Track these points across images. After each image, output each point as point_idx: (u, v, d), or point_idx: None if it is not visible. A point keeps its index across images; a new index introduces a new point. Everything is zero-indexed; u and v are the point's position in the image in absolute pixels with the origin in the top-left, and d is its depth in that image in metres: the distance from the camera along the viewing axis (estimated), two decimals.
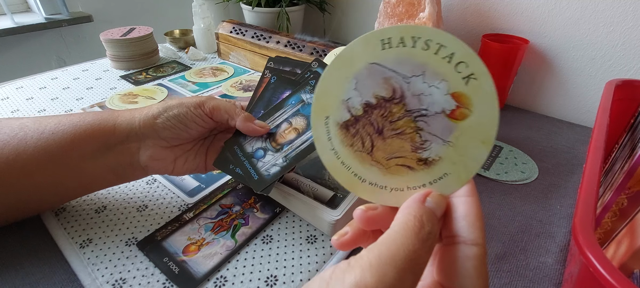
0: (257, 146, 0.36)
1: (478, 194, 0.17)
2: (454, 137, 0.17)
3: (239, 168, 0.35)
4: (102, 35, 0.74)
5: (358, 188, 0.19)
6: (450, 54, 0.16)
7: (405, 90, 0.17)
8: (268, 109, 0.37)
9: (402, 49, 0.16)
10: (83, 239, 0.34)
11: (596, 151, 0.29)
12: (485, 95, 0.16)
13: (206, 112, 0.34)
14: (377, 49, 0.17)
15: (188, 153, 0.36)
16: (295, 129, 0.35)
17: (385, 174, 0.18)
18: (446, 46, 0.16)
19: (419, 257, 0.14)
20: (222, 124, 0.36)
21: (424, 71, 0.16)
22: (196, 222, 0.37)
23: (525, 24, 0.61)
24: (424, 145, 0.17)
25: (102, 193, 0.40)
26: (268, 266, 0.32)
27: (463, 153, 0.17)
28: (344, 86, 0.18)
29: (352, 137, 0.18)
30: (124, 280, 0.31)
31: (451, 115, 0.16)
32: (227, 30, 0.78)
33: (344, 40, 0.94)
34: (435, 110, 0.17)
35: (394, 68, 0.17)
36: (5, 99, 0.62)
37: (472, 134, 0.16)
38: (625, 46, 0.54)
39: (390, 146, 0.18)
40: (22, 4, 1.13)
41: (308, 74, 0.37)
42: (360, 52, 0.17)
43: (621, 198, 0.30)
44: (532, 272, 0.33)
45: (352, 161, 0.18)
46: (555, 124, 0.60)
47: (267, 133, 0.36)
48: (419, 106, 0.17)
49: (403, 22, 0.57)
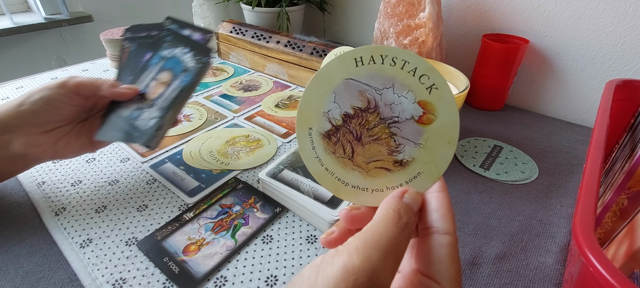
0: (131, 109, 0.38)
1: (448, 190, 0.20)
2: (424, 139, 0.19)
3: (120, 133, 0.37)
4: (103, 35, 0.74)
5: (342, 191, 0.21)
6: (414, 68, 0.18)
7: (378, 101, 0.19)
8: (135, 73, 0.41)
9: (373, 65, 0.19)
10: (83, 239, 0.34)
11: (596, 151, 0.29)
12: (446, 102, 0.18)
13: (71, 89, 0.35)
14: (352, 66, 0.19)
15: (69, 135, 0.37)
16: (162, 83, 0.39)
17: (366, 177, 0.20)
18: (410, 62, 0.18)
19: (399, 243, 0.16)
20: (92, 97, 0.37)
21: (393, 83, 0.19)
22: (196, 221, 0.37)
23: (525, 24, 0.61)
24: (398, 149, 0.19)
25: (102, 193, 0.40)
26: (268, 266, 0.32)
27: (433, 153, 0.19)
28: (324, 100, 0.20)
29: (334, 145, 0.20)
30: (124, 280, 0.31)
31: (419, 120, 0.19)
32: (227, 30, 0.78)
33: (344, 40, 0.94)
34: (406, 116, 0.19)
35: (367, 82, 0.19)
36: (5, 99, 0.62)
37: (439, 135, 0.19)
38: (626, 46, 0.54)
39: (368, 151, 0.20)
40: (22, 4, 1.13)
41: (163, 32, 0.42)
42: (337, 70, 0.19)
43: (621, 198, 0.30)
44: (532, 272, 0.33)
45: (335, 167, 0.20)
46: (555, 123, 0.60)
47: (138, 95, 0.39)
48: (391, 114, 0.19)
49: (403, 22, 0.57)
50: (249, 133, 0.53)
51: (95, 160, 0.46)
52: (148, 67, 0.41)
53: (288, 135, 0.52)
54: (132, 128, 0.37)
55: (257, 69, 0.76)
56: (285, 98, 0.64)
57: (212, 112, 0.59)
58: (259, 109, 0.60)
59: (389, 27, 0.59)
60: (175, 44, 0.41)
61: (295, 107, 0.61)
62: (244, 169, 0.45)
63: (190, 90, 0.39)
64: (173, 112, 0.38)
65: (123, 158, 0.46)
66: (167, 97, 0.38)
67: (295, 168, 0.40)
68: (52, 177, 0.43)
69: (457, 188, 0.44)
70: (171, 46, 0.41)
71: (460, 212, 0.40)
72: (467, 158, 0.49)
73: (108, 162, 0.46)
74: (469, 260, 0.34)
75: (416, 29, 0.56)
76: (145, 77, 0.40)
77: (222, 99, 0.63)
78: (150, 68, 0.40)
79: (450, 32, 0.71)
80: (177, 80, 0.39)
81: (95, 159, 0.46)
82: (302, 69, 0.67)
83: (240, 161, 0.46)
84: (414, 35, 0.57)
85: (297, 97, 0.65)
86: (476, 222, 0.39)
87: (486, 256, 0.35)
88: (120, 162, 0.46)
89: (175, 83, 0.39)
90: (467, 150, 0.51)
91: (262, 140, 0.51)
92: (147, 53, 0.42)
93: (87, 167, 0.45)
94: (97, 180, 0.42)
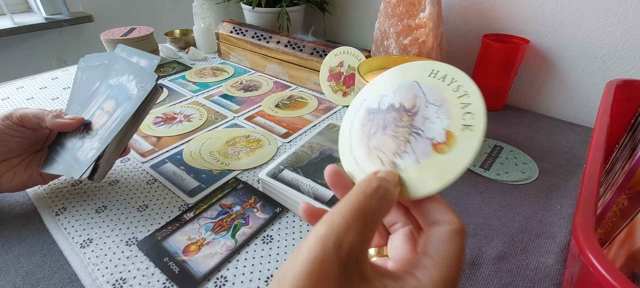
0: (76, 139, 0.38)
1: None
2: (426, 162, 0.19)
3: (63, 164, 0.37)
4: (103, 35, 0.74)
5: (347, 157, 0.23)
6: (468, 102, 0.19)
7: (420, 110, 0.20)
8: (82, 103, 0.40)
9: (440, 82, 0.20)
10: (83, 239, 0.34)
11: (597, 151, 0.29)
12: (468, 146, 0.18)
13: (15, 121, 0.35)
14: (426, 74, 0.21)
15: (16, 168, 0.37)
16: (106, 112, 0.38)
17: (366, 158, 0.22)
18: (469, 95, 0.19)
19: (366, 206, 0.17)
20: (37, 129, 0.37)
21: (442, 104, 0.19)
22: (196, 221, 0.37)
23: (525, 24, 0.61)
24: (402, 155, 0.20)
25: (103, 193, 0.40)
26: (268, 266, 0.32)
27: (422, 178, 0.19)
28: (388, 87, 0.22)
29: (369, 121, 0.22)
30: (124, 280, 0.31)
31: (435, 145, 0.19)
32: (228, 30, 0.78)
33: (344, 40, 0.94)
34: (428, 135, 0.19)
35: (426, 91, 0.20)
36: (6, 99, 0.62)
37: (437, 167, 0.19)
38: (626, 46, 0.54)
39: (383, 141, 0.21)
40: (22, 4, 1.13)
41: (113, 60, 0.42)
42: (415, 70, 0.21)
43: (622, 199, 0.30)
44: (532, 272, 0.33)
45: (356, 136, 0.23)
46: (555, 123, 0.60)
47: (83, 124, 0.38)
48: (421, 126, 0.20)
49: (403, 22, 0.57)
50: (249, 133, 0.53)
51: None
52: (95, 95, 0.40)
53: (288, 135, 0.52)
54: (73, 159, 0.36)
55: (257, 69, 0.76)
56: (286, 98, 0.64)
57: (212, 112, 0.59)
58: (259, 109, 0.60)
59: (389, 27, 0.59)
60: (122, 72, 0.40)
61: (295, 107, 0.61)
62: (244, 169, 0.45)
63: (136, 118, 0.38)
64: (116, 141, 0.37)
65: (123, 158, 0.46)
66: (107, 126, 0.37)
67: (295, 169, 0.40)
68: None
69: (457, 189, 0.44)
70: (118, 74, 0.40)
71: (460, 212, 0.40)
72: None
73: None
74: (469, 260, 0.34)
75: (416, 29, 0.56)
76: (92, 106, 0.39)
77: (223, 99, 0.63)
78: (97, 97, 0.40)
79: (450, 32, 0.71)
80: (119, 108, 0.37)
81: None
82: (302, 69, 0.67)
83: (240, 161, 0.46)
84: (414, 35, 0.57)
85: (297, 97, 0.65)
86: (476, 222, 0.39)
87: (486, 256, 0.35)
88: (121, 162, 0.46)
89: (117, 112, 0.37)
90: None
91: (262, 140, 0.51)
92: (97, 82, 0.41)
93: None
94: None
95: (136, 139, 0.51)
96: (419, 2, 0.55)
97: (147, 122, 0.55)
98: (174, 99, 0.63)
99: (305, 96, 0.65)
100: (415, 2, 0.55)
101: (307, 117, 0.58)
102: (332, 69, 0.62)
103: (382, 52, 0.62)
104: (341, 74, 0.61)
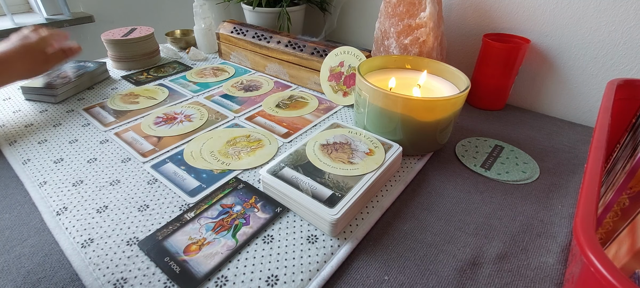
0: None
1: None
2: (367, 157, 0.42)
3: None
4: (104, 35, 0.74)
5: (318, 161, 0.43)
6: (371, 140, 0.46)
7: (351, 142, 0.45)
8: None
9: (352, 134, 0.47)
10: (84, 239, 0.34)
11: (597, 151, 0.29)
12: (379, 153, 0.43)
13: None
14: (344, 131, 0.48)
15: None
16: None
17: (332, 162, 0.41)
18: (371, 138, 0.46)
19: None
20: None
21: (360, 140, 0.46)
22: (197, 221, 0.37)
23: (526, 23, 0.61)
24: (352, 159, 0.42)
25: (103, 193, 0.40)
26: (269, 266, 0.32)
27: (366, 166, 0.40)
28: (327, 137, 0.46)
29: (324, 148, 0.44)
30: (125, 279, 0.31)
31: (366, 154, 0.43)
32: (228, 31, 0.78)
33: (344, 40, 0.94)
34: (361, 149, 0.44)
35: (348, 137, 0.46)
36: (7, 99, 0.62)
37: (371, 160, 0.42)
38: (627, 45, 0.54)
39: (338, 156, 0.42)
40: (23, 5, 1.13)
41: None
42: (337, 130, 0.46)
43: (623, 198, 0.30)
44: (533, 272, 0.33)
45: (321, 154, 0.43)
46: (556, 123, 0.60)
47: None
48: (355, 147, 0.44)
49: (404, 21, 0.57)
50: (250, 133, 0.53)
51: (97, 160, 0.46)
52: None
53: (289, 135, 0.53)
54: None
55: (257, 69, 0.76)
56: (286, 98, 0.64)
57: (213, 112, 0.59)
58: (260, 109, 0.60)
59: (390, 27, 0.59)
60: None
61: (295, 107, 0.61)
62: (244, 169, 0.45)
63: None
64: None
65: (124, 158, 0.47)
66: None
67: (295, 167, 0.40)
68: (54, 177, 0.43)
69: (457, 189, 0.44)
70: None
71: (461, 212, 0.40)
72: (467, 159, 0.49)
73: (109, 162, 0.46)
74: (470, 260, 0.34)
75: (417, 29, 0.56)
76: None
77: (223, 99, 0.63)
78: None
79: (451, 31, 0.71)
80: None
81: (97, 159, 0.46)
82: (302, 69, 0.67)
83: (241, 161, 0.46)
84: (414, 34, 0.57)
85: (297, 97, 0.65)
86: (477, 222, 0.39)
87: (487, 256, 0.35)
88: (122, 162, 0.46)
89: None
90: (467, 150, 0.51)
91: (262, 140, 0.51)
92: None
93: (89, 167, 0.45)
94: (98, 180, 0.43)
95: (137, 138, 0.51)
96: (420, 2, 0.55)
97: (148, 122, 0.55)
98: (175, 99, 0.63)
99: (306, 96, 0.65)
100: (415, 1, 0.55)
101: (307, 117, 0.58)
102: (333, 69, 0.62)
103: (383, 52, 0.62)
104: (342, 73, 0.61)
